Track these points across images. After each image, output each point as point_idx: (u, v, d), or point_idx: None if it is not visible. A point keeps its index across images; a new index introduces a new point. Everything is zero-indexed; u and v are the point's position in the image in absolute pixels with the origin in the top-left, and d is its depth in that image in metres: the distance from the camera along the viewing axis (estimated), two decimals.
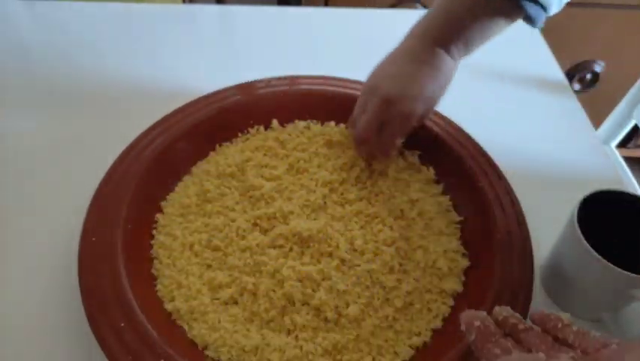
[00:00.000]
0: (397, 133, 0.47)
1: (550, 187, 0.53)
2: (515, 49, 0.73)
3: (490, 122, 0.60)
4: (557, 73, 0.69)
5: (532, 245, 0.43)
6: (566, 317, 0.31)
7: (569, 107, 0.64)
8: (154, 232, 0.46)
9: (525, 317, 0.38)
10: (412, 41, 0.47)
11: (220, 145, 0.53)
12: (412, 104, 0.45)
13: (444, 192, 0.50)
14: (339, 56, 0.68)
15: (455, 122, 0.53)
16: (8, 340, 0.40)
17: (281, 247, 0.43)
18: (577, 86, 1.31)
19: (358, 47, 0.70)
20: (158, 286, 0.42)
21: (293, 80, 0.57)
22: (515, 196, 0.46)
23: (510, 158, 0.51)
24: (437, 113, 0.54)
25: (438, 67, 0.46)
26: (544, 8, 0.43)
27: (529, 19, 0.45)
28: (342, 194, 0.48)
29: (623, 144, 1.45)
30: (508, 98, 0.65)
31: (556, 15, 0.46)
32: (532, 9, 0.43)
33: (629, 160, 0.83)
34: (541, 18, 0.44)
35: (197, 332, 0.39)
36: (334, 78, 0.57)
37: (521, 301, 0.39)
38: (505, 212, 0.45)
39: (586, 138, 0.60)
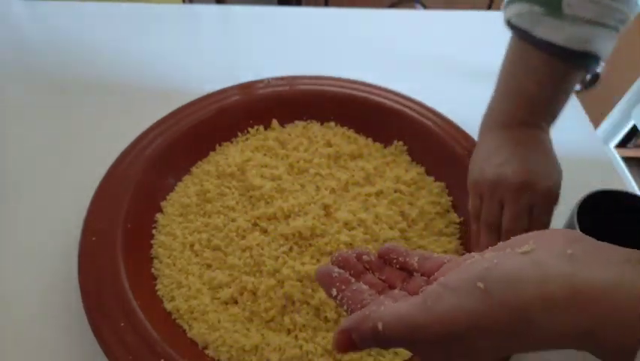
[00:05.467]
0: (545, 214, 0.41)
1: None
2: None
3: None
4: None
5: None
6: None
7: (569, 107, 0.64)
8: (154, 231, 0.46)
9: None
10: (499, 132, 0.44)
11: (220, 145, 0.54)
12: (549, 180, 0.41)
13: (444, 192, 0.50)
14: (339, 56, 0.68)
15: (456, 122, 0.53)
16: (8, 340, 0.40)
17: (281, 246, 0.43)
18: (577, 86, 1.31)
19: (358, 47, 0.70)
20: (158, 286, 0.42)
21: (293, 80, 0.57)
22: None
23: None
24: (438, 115, 0.54)
25: (541, 142, 0.44)
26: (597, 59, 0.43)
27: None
28: (342, 194, 0.48)
29: (622, 144, 1.45)
30: None
31: None
32: (590, 65, 0.44)
33: (628, 160, 0.84)
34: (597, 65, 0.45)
35: (197, 331, 0.39)
36: (334, 78, 0.57)
37: None
38: None
39: (586, 137, 0.60)
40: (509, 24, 0.43)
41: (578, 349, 0.22)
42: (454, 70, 0.67)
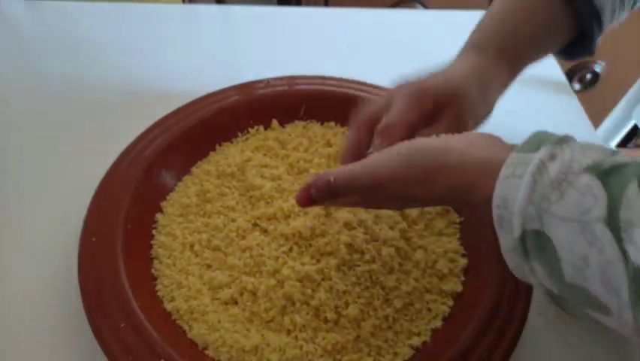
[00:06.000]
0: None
1: None
2: None
3: (490, 121, 0.60)
4: (557, 73, 0.69)
5: None
6: None
7: (569, 107, 0.64)
8: (154, 231, 0.46)
9: (524, 322, 0.38)
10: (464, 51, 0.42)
11: (220, 145, 0.54)
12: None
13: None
14: (339, 56, 0.68)
15: None
16: (8, 340, 0.40)
17: (281, 246, 0.43)
18: (577, 86, 1.31)
19: (358, 47, 0.70)
20: (158, 286, 0.42)
21: (292, 80, 0.57)
22: None
23: None
24: None
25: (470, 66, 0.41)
26: (597, 14, 0.39)
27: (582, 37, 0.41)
28: None
29: (623, 144, 1.45)
30: (508, 98, 0.65)
31: None
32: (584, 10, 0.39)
33: None
34: (596, 34, 0.41)
35: (197, 332, 0.39)
36: (334, 78, 0.57)
37: (521, 300, 0.39)
38: None
39: (586, 138, 0.59)
40: None
41: (462, 200, 0.30)
42: None
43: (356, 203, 0.36)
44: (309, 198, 0.34)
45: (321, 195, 0.34)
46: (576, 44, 0.42)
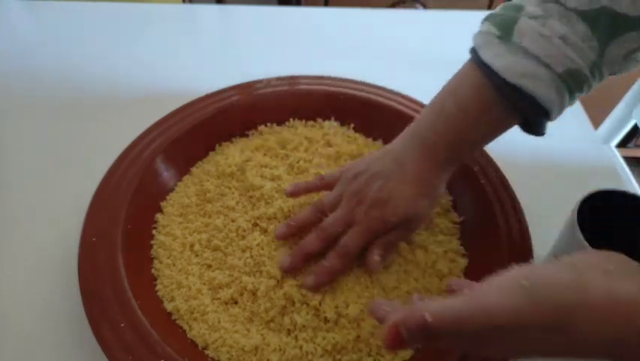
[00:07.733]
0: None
1: (550, 187, 0.53)
2: None
3: None
4: None
5: (532, 245, 0.43)
6: None
7: (569, 107, 0.64)
8: (154, 231, 0.46)
9: None
10: (399, 140, 0.43)
11: (220, 145, 0.54)
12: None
13: (444, 192, 0.50)
14: (339, 56, 0.68)
15: None
16: (9, 340, 0.40)
17: (281, 247, 0.43)
18: None
19: (358, 47, 0.70)
20: (158, 286, 0.42)
21: (293, 80, 0.57)
22: (515, 196, 0.46)
23: (510, 157, 0.51)
24: None
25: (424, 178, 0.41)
26: (546, 113, 0.37)
27: (529, 126, 0.39)
28: None
29: (623, 144, 1.45)
30: None
31: None
32: (525, 108, 0.37)
33: (629, 160, 0.83)
34: (543, 124, 0.39)
35: (197, 332, 0.39)
36: (334, 78, 0.57)
37: None
38: (505, 212, 0.45)
39: (586, 137, 0.60)
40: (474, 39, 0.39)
41: (606, 356, 0.23)
42: (454, 70, 0.67)
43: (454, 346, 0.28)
44: (399, 339, 0.25)
45: (414, 337, 0.25)
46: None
